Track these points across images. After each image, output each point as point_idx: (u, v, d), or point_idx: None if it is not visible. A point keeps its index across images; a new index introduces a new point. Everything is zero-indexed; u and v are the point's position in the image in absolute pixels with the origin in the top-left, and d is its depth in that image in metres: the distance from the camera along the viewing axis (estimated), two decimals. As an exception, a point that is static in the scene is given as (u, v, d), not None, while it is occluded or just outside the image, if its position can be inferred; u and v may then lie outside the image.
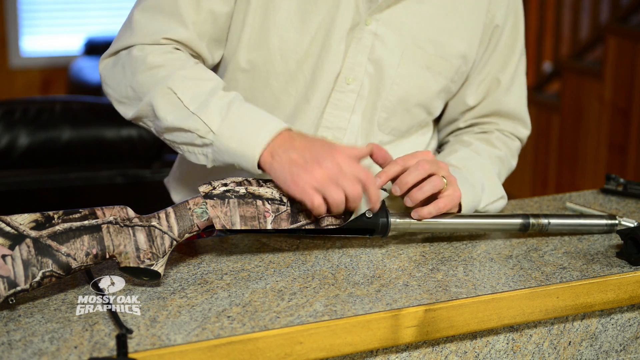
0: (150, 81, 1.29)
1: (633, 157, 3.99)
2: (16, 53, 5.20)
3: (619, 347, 1.31)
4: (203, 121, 1.23)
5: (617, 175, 1.64)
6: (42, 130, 2.27)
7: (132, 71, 1.31)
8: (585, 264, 1.27)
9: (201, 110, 1.24)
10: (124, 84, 1.32)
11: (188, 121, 1.24)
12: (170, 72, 1.27)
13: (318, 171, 1.16)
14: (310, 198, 1.15)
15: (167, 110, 1.26)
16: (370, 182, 1.19)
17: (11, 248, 1.06)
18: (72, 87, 4.86)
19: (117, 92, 1.34)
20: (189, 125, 1.24)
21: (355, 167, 1.18)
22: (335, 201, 1.16)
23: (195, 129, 1.24)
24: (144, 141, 2.37)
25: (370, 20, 1.38)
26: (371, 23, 1.38)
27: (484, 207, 1.41)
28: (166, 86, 1.26)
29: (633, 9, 4.09)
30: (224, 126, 1.22)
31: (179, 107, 1.25)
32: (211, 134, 1.23)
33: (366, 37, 1.38)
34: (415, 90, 1.42)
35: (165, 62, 1.29)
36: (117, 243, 1.12)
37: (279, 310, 1.09)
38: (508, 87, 1.51)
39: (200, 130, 1.24)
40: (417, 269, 1.24)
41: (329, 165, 1.16)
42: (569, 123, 4.39)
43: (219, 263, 1.24)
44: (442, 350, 1.18)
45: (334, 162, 1.17)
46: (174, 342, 1.00)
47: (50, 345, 0.99)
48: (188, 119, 1.24)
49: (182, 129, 1.26)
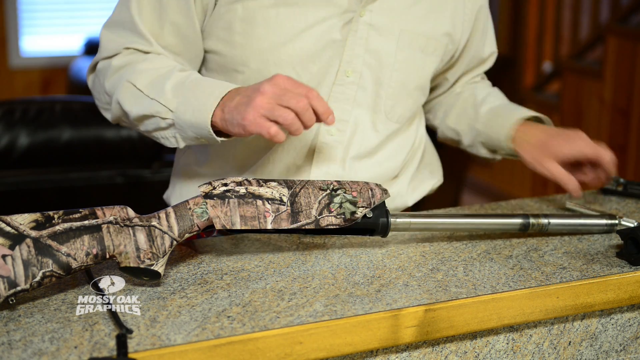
0: (117, 81, 1.37)
1: (633, 157, 3.99)
2: (16, 53, 5.20)
3: (619, 347, 1.31)
4: (161, 103, 1.30)
5: (617, 175, 1.64)
6: (42, 130, 2.28)
7: (103, 77, 1.39)
8: (585, 264, 1.28)
9: (159, 94, 1.31)
10: (102, 92, 1.41)
11: (150, 107, 1.32)
12: (131, 68, 1.35)
13: (260, 98, 1.20)
14: (264, 129, 1.20)
15: (130, 102, 1.34)
16: (314, 95, 1.22)
17: (11, 248, 1.06)
18: (72, 87, 4.86)
19: (99, 100, 1.43)
20: (150, 110, 1.32)
21: (295, 83, 1.22)
22: (287, 120, 1.20)
23: (157, 112, 1.31)
24: (144, 141, 2.37)
25: (364, 12, 1.39)
26: (365, 14, 1.40)
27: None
28: (126, 80, 1.34)
29: (633, 9, 4.09)
30: (179, 103, 1.29)
31: (140, 96, 1.33)
32: (170, 113, 1.30)
33: (361, 28, 1.40)
34: (413, 73, 1.46)
35: (127, 62, 1.37)
36: (117, 243, 1.12)
37: (279, 310, 1.09)
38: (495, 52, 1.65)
39: (161, 112, 1.31)
40: (417, 269, 1.24)
41: (268, 88, 1.20)
42: (569, 123, 4.39)
43: (219, 263, 1.24)
44: (442, 350, 1.18)
45: (273, 83, 1.21)
46: (174, 342, 1.00)
47: (50, 345, 0.99)
48: (149, 105, 1.31)
49: (146, 115, 1.33)
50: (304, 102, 1.20)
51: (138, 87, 1.33)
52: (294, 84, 1.22)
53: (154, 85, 1.32)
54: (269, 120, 1.20)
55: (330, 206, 1.21)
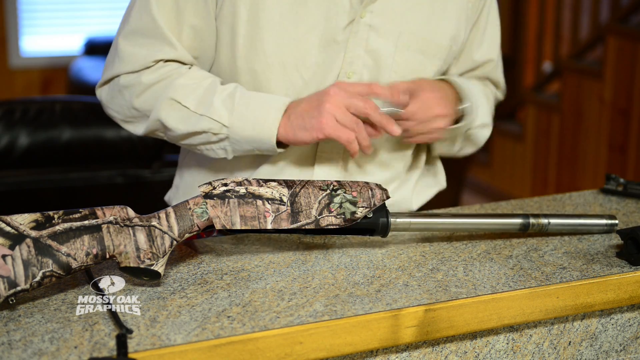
0: (152, 98, 1.35)
1: (633, 157, 3.99)
2: (16, 53, 5.20)
3: (619, 347, 1.31)
4: (213, 119, 1.32)
5: (617, 175, 1.64)
6: (42, 130, 2.28)
7: (130, 94, 1.37)
8: (585, 264, 1.28)
9: (208, 110, 1.32)
10: (126, 107, 1.39)
11: (200, 124, 1.33)
12: (169, 84, 1.34)
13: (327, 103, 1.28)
14: (344, 134, 1.29)
15: (176, 120, 1.34)
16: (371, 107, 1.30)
17: (11, 248, 1.06)
18: (72, 87, 4.86)
19: (120, 114, 1.41)
20: (201, 127, 1.33)
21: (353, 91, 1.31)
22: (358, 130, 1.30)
23: (208, 128, 1.33)
24: (144, 141, 2.37)
25: (364, 13, 1.39)
26: (365, 15, 1.39)
27: (475, 129, 1.49)
28: (169, 98, 1.34)
29: (633, 9, 4.09)
30: (234, 118, 1.31)
31: (187, 113, 1.34)
32: (225, 129, 1.32)
33: (362, 29, 1.40)
34: (412, 75, 1.45)
35: (161, 77, 1.36)
36: (117, 243, 1.12)
37: (279, 310, 1.09)
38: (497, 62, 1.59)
39: (213, 128, 1.33)
40: (417, 269, 1.24)
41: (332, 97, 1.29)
42: (569, 123, 4.39)
43: (219, 263, 1.24)
44: (442, 350, 1.18)
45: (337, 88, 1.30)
46: (174, 342, 1.00)
47: (50, 345, 0.99)
48: (199, 122, 1.33)
49: (195, 132, 1.34)
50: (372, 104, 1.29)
51: (185, 105, 1.33)
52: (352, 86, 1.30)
53: (202, 102, 1.33)
54: (345, 126, 1.28)
55: (330, 206, 1.21)
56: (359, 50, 1.40)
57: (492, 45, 1.57)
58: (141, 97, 1.36)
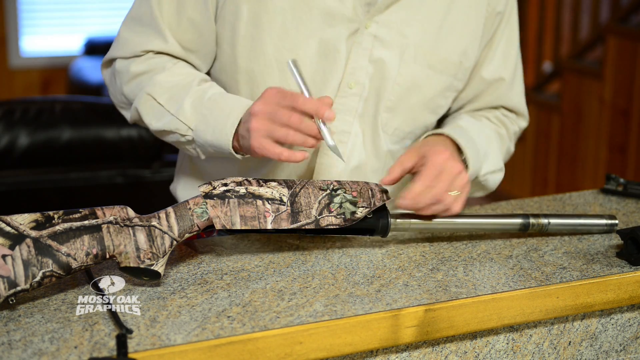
0: (135, 89, 1.37)
1: (633, 157, 3.99)
2: (16, 53, 5.20)
3: (619, 347, 1.31)
4: (181, 121, 1.32)
5: (617, 175, 1.64)
6: (42, 130, 2.28)
7: (120, 81, 1.39)
8: (585, 264, 1.28)
9: (178, 110, 1.32)
10: (118, 92, 1.41)
11: (170, 123, 1.33)
12: (150, 78, 1.35)
13: (254, 121, 1.21)
14: (275, 155, 1.21)
15: (150, 115, 1.35)
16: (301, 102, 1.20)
17: (11, 248, 1.06)
18: (72, 87, 4.86)
19: (115, 98, 1.44)
20: (170, 126, 1.33)
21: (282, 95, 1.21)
22: (289, 139, 1.20)
23: (176, 128, 1.33)
24: (144, 141, 2.37)
25: (369, 24, 1.36)
26: (371, 26, 1.36)
27: (484, 176, 1.42)
28: (146, 92, 1.34)
29: (633, 9, 4.09)
30: (198, 122, 1.30)
31: (160, 110, 1.34)
32: (190, 131, 1.32)
33: (366, 40, 1.37)
34: (416, 89, 1.41)
35: (148, 68, 1.36)
36: (117, 243, 1.12)
37: (279, 310, 1.09)
38: (511, 83, 1.51)
39: (180, 129, 1.32)
40: (417, 269, 1.24)
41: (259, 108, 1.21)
42: (569, 123, 4.39)
43: (219, 263, 1.24)
44: (442, 350, 1.18)
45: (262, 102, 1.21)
46: (174, 342, 1.00)
47: (50, 345, 0.99)
48: (169, 122, 1.33)
49: (165, 131, 1.35)
50: (295, 117, 1.19)
51: (158, 101, 1.34)
52: (281, 96, 1.21)
53: (174, 100, 1.33)
54: (275, 142, 1.21)
55: (330, 206, 1.21)
56: (362, 60, 1.38)
57: (505, 64, 1.49)
58: (128, 86, 1.38)
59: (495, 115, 1.53)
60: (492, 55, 1.48)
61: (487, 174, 1.43)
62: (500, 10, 1.45)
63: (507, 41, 1.48)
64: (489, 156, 1.43)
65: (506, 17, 1.47)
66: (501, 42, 1.48)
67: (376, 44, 1.37)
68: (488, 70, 1.48)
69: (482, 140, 1.42)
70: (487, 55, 1.48)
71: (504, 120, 1.53)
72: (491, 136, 1.46)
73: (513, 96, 1.52)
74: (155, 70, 1.36)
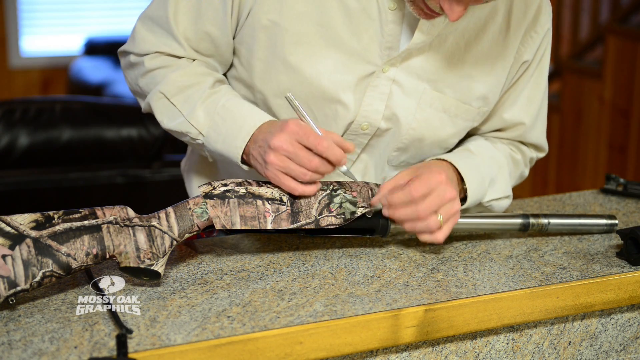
0: (149, 84, 1.35)
1: (633, 157, 3.99)
2: (16, 53, 5.20)
3: (619, 347, 1.31)
4: (192, 125, 1.29)
5: (617, 175, 1.64)
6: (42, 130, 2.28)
7: (136, 73, 1.37)
8: (585, 264, 1.27)
9: (190, 113, 1.30)
10: (134, 82, 1.39)
11: (181, 125, 1.31)
12: (165, 75, 1.33)
13: (273, 156, 1.18)
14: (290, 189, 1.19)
15: (162, 113, 1.33)
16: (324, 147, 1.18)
17: (11, 248, 1.06)
18: (72, 87, 4.86)
19: (131, 85, 1.42)
20: (181, 128, 1.31)
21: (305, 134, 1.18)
22: (306, 178, 1.18)
23: (187, 132, 1.31)
24: (144, 141, 2.37)
25: (387, 68, 1.32)
26: (389, 70, 1.32)
27: (488, 202, 1.39)
28: (159, 90, 1.32)
29: (633, 9, 4.09)
30: (210, 129, 1.28)
31: (172, 111, 1.32)
32: (201, 136, 1.29)
33: (383, 83, 1.33)
34: (430, 132, 1.37)
35: (162, 64, 1.34)
36: (117, 243, 1.12)
37: (279, 310, 1.09)
38: (532, 126, 1.46)
39: (191, 133, 1.30)
40: (417, 269, 1.24)
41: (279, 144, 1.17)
42: (569, 123, 4.39)
43: (219, 263, 1.24)
44: (442, 350, 1.18)
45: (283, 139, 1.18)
46: (174, 342, 1.00)
47: (50, 345, 0.99)
48: (181, 123, 1.31)
49: (176, 131, 1.33)
50: (315, 161, 1.18)
51: (171, 101, 1.31)
52: (303, 135, 1.18)
53: (187, 102, 1.30)
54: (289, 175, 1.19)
55: (330, 206, 1.21)
56: (377, 104, 1.33)
57: (528, 108, 1.43)
58: (144, 79, 1.36)
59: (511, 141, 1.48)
60: (515, 98, 1.42)
61: (492, 200, 1.40)
62: (527, 59, 1.38)
63: (533, 86, 1.43)
64: (497, 183, 1.39)
65: (535, 63, 1.41)
66: (527, 86, 1.42)
67: (394, 88, 1.33)
68: (509, 113, 1.43)
69: (491, 166, 1.38)
70: (510, 97, 1.43)
71: (520, 147, 1.49)
72: (501, 162, 1.42)
73: (532, 136, 1.47)
74: (171, 67, 1.33)
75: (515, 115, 1.43)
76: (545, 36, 1.39)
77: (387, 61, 1.31)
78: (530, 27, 1.37)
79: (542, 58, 1.42)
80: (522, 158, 1.48)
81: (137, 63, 1.36)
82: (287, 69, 1.31)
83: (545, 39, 1.39)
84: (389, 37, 1.30)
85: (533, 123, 1.45)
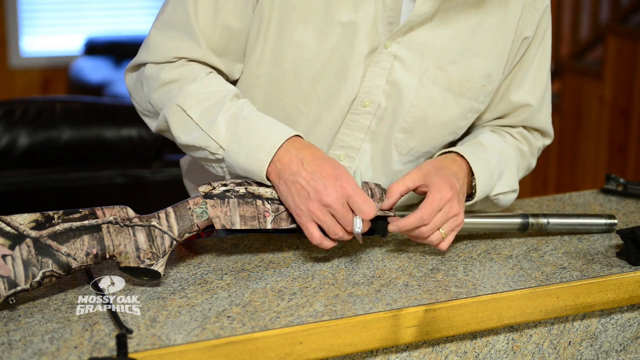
0: (164, 97, 1.30)
1: (633, 157, 3.99)
2: (16, 53, 5.20)
3: (619, 347, 1.31)
4: (212, 138, 1.24)
5: (617, 175, 1.64)
6: (42, 130, 2.28)
7: (148, 87, 1.33)
8: (585, 264, 1.28)
9: (210, 126, 1.24)
10: (144, 99, 1.34)
11: (199, 139, 1.25)
12: (181, 88, 1.28)
13: (316, 207, 1.17)
14: (315, 240, 1.19)
15: (179, 128, 1.28)
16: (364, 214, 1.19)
17: (11, 248, 1.06)
18: (72, 87, 4.86)
19: (140, 105, 1.37)
20: (200, 142, 1.26)
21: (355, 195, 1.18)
22: (336, 236, 1.19)
23: (206, 146, 1.25)
24: (144, 141, 2.37)
25: (390, 43, 1.33)
26: (391, 46, 1.33)
27: (496, 195, 1.39)
28: (176, 103, 1.27)
29: (633, 9, 4.09)
30: (232, 142, 1.23)
31: (190, 124, 1.27)
32: (221, 150, 1.24)
33: (385, 59, 1.33)
34: (434, 111, 1.38)
35: (178, 77, 1.30)
36: (117, 243, 1.12)
37: (279, 310, 1.09)
38: (538, 108, 1.47)
39: (211, 147, 1.25)
40: (417, 269, 1.24)
41: (329, 200, 1.17)
42: (569, 123, 4.39)
43: (219, 263, 1.24)
44: (442, 350, 1.18)
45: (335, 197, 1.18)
46: (174, 342, 1.00)
47: (50, 345, 0.99)
48: (199, 137, 1.25)
49: (194, 146, 1.27)
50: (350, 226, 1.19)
51: (189, 114, 1.27)
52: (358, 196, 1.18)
53: (206, 115, 1.26)
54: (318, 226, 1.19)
55: (330, 206, 1.21)
56: (379, 80, 1.34)
57: (534, 90, 1.45)
58: (157, 93, 1.32)
59: (518, 131, 1.49)
60: (522, 80, 1.44)
61: (499, 194, 1.40)
62: (527, 35, 1.40)
63: (538, 66, 1.44)
64: (504, 176, 1.40)
65: (537, 42, 1.42)
66: (532, 67, 1.43)
67: (396, 64, 1.34)
68: (516, 95, 1.44)
69: (500, 159, 1.39)
70: (516, 79, 1.43)
71: (527, 137, 1.50)
72: (510, 155, 1.43)
73: (539, 119, 1.48)
74: (187, 80, 1.30)
75: (522, 97, 1.44)
76: (544, 13, 1.41)
77: (389, 36, 1.32)
78: (530, 3, 1.38)
79: (543, 37, 1.43)
80: (529, 149, 1.49)
81: (151, 76, 1.33)
82: (291, 47, 1.31)
83: (545, 16, 1.41)
84: (391, 11, 1.31)
85: (539, 105, 1.46)
